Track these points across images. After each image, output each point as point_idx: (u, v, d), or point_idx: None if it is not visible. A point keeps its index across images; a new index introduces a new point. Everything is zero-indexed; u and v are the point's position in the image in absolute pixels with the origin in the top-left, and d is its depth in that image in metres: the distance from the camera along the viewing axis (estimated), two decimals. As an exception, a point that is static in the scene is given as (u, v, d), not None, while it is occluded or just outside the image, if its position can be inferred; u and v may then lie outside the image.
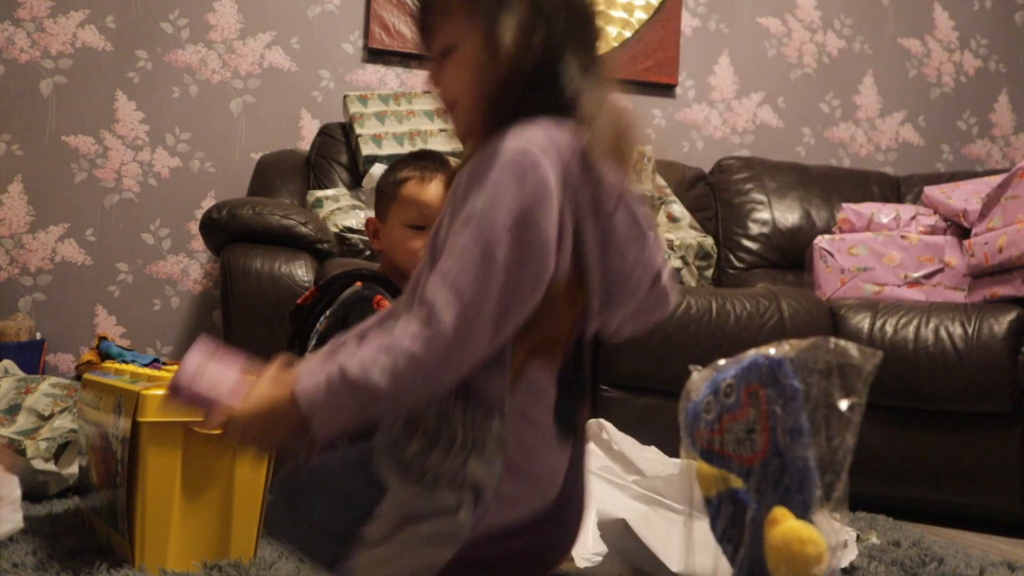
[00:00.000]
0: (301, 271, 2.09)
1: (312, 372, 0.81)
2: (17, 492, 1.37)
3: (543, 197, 0.79)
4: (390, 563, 0.82)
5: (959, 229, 2.70)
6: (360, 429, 0.85)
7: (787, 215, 3.03)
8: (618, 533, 1.38)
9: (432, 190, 1.55)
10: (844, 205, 2.92)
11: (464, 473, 0.81)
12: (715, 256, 2.94)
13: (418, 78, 3.01)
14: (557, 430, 0.87)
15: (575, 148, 0.84)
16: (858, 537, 1.65)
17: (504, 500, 0.82)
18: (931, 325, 2.20)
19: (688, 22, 3.31)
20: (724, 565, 0.93)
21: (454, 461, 0.81)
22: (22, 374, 2.10)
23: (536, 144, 0.81)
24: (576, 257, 0.85)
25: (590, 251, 0.86)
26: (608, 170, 0.85)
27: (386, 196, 1.59)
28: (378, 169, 2.52)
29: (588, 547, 1.37)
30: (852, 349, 0.87)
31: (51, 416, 1.86)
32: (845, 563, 1.48)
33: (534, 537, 0.86)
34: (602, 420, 1.67)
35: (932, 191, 2.83)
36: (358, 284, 1.58)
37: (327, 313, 1.54)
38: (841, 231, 2.86)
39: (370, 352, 0.79)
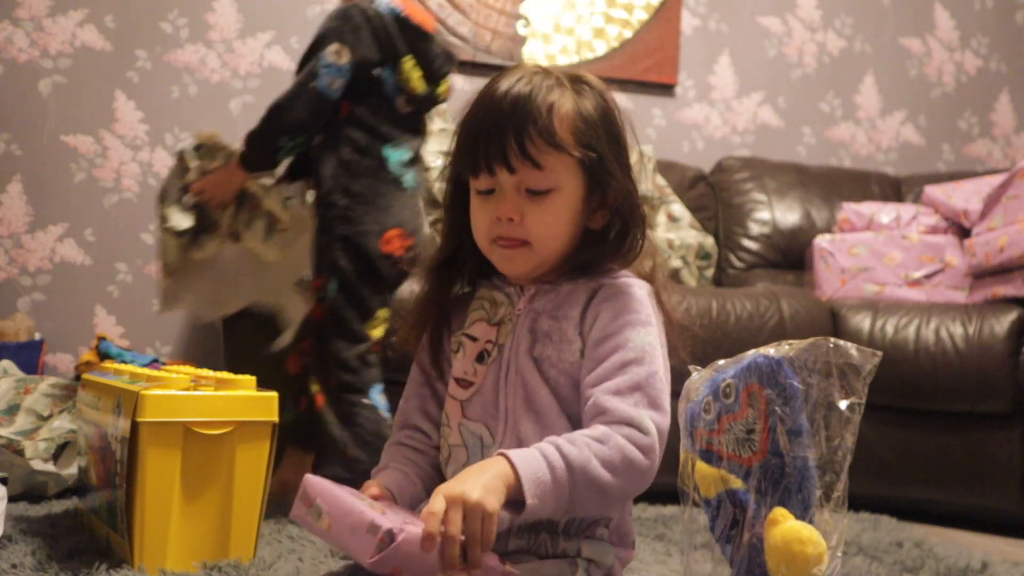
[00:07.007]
0: (301, 271, 2.09)
1: (531, 458, 0.90)
2: (2, 504, 1.35)
3: (658, 327, 1.05)
4: None
5: (960, 229, 2.69)
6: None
7: (787, 215, 3.03)
8: None
9: None
10: (844, 205, 2.92)
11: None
12: (715, 256, 2.93)
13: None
14: None
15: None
16: None
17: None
18: (932, 325, 2.20)
19: (688, 22, 3.31)
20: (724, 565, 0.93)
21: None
22: (21, 374, 2.09)
23: (646, 290, 1.06)
24: None
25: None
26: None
27: None
28: None
29: None
30: (852, 349, 0.87)
31: (50, 416, 1.86)
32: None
33: None
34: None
35: (933, 191, 2.83)
36: None
37: None
38: (841, 231, 2.86)
39: (588, 449, 0.91)
